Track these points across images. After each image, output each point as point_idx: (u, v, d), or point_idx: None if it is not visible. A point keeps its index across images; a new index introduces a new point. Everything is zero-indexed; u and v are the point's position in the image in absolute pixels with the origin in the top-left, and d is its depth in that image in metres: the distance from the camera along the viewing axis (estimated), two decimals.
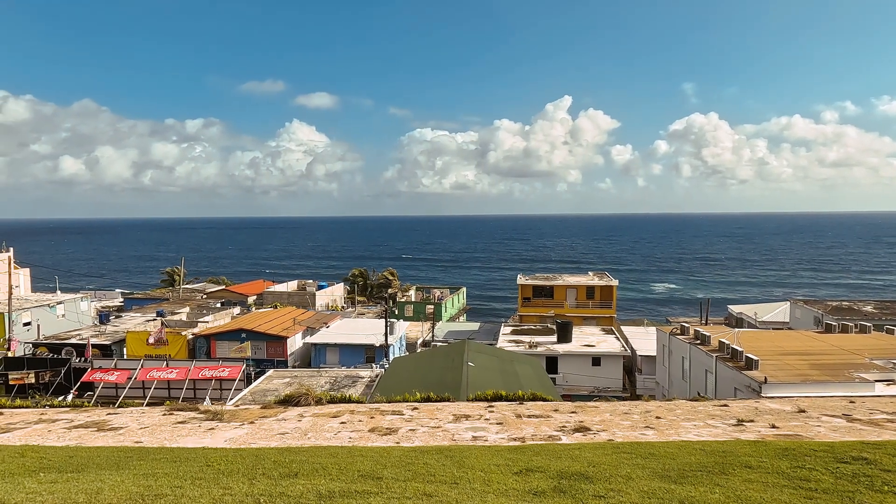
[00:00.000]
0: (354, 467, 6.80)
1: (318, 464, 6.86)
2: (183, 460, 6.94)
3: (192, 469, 6.28)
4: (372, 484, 5.99)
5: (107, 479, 5.57)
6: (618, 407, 15.73)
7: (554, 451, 8.54)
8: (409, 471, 6.76)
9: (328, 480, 5.98)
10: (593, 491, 5.78)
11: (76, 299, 52.28)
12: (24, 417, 14.82)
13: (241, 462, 6.83)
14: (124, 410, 16.14)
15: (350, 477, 6.26)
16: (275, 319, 47.10)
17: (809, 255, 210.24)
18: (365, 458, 7.51)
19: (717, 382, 27.37)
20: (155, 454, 7.61)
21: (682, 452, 8.28)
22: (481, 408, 15.78)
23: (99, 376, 37.03)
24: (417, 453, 8.33)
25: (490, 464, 7.34)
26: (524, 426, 13.25)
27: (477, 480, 6.34)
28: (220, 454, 7.57)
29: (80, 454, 7.37)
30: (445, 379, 28.63)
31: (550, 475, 6.56)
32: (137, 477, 5.73)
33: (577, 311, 52.32)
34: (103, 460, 6.89)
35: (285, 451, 8.17)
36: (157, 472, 6.03)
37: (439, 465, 7.19)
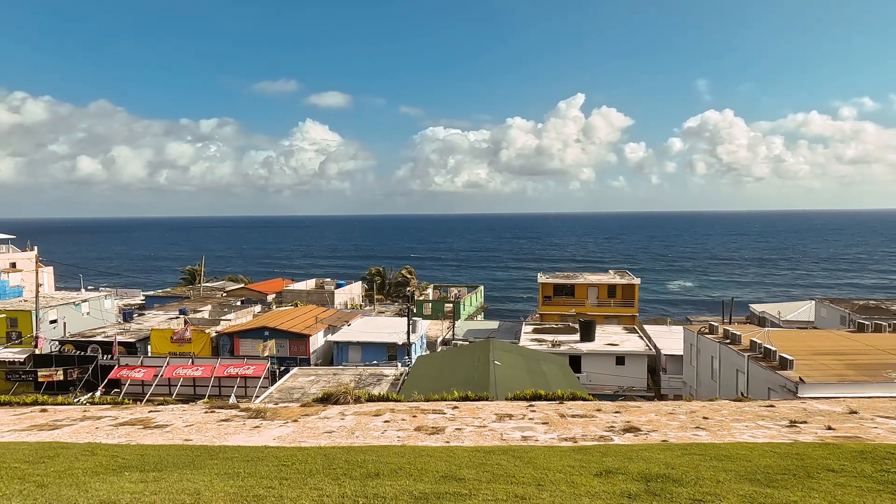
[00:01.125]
0: (429, 468, 6.70)
1: (392, 464, 6.77)
2: (256, 459, 6.88)
3: (270, 468, 6.21)
4: (457, 485, 5.88)
5: (193, 478, 5.51)
6: (661, 407, 15.52)
7: (620, 451, 8.38)
8: (486, 472, 6.65)
9: (413, 481, 5.88)
10: (688, 494, 5.63)
11: (100, 297, 52.84)
12: (69, 414, 14.92)
13: (314, 461, 6.76)
14: (165, 407, 16.21)
15: (432, 477, 6.15)
16: (297, 317, 47.27)
17: (827, 254, 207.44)
18: (434, 459, 7.41)
19: (749, 382, 26.98)
20: (223, 453, 7.56)
21: (754, 454, 8.09)
22: (522, 407, 15.64)
23: (126, 373, 37.37)
24: (482, 453, 8.21)
25: (563, 465, 7.20)
26: (571, 426, 13.09)
27: (560, 482, 6.21)
28: (288, 453, 7.51)
29: (150, 452, 7.35)
30: (473, 378, 28.52)
31: (633, 477, 6.42)
32: (221, 476, 5.67)
33: (598, 309, 51.96)
34: (176, 459, 6.85)
35: (351, 450, 8.09)
36: (239, 471, 5.97)
37: (513, 465, 7.07)
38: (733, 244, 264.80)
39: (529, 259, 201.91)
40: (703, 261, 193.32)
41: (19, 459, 6.42)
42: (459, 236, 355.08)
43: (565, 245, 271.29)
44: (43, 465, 6.20)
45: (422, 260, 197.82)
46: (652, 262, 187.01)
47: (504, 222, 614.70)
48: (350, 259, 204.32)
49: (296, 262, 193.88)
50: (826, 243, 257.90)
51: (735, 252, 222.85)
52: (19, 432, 12.76)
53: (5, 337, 45.02)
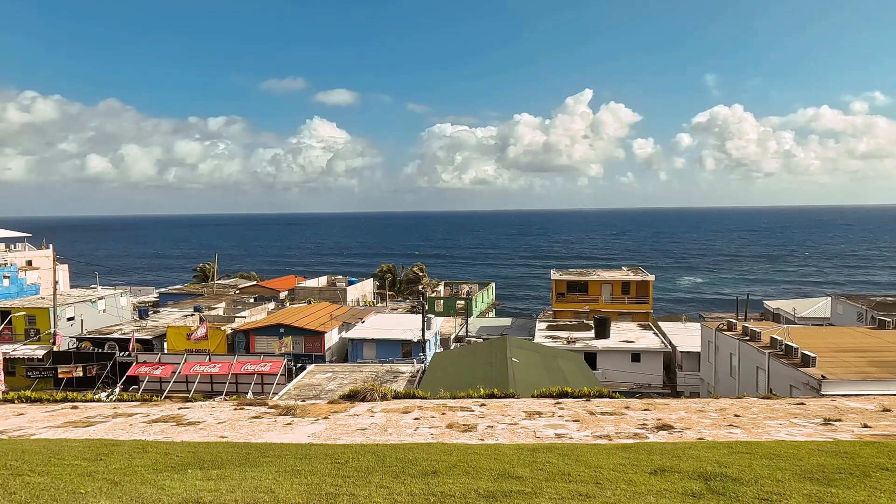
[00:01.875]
0: (482, 465, 6.69)
1: (445, 461, 6.77)
2: (308, 457, 6.90)
3: (327, 466, 6.22)
4: (517, 483, 5.88)
5: (256, 476, 5.53)
6: (690, 404, 15.45)
7: (665, 450, 8.34)
8: (539, 470, 6.64)
9: (472, 479, 5.87)
10: (753, 493, 5.59)
11: (116, 295, 53.23)
12: (100, 411, 15.04)
13: (366, 459, 6.77)
14: (194, 404, 16.31)
15: (489, 475, 6.15)
16: (311, 315, 47.42)
17: (839, 250, 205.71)
18: (483, 457, 7.40)
19: (769, 380, 26.83)
20: (271, 450, 7.59)
21: (801, 453, 8.03)
22: (549, 404, 15.61)
23: (144, 370, 37.64)
24: (527, 451, 8.19)
25: (612, 463, 7.18)
26: (602, 423, 13.06)
27: (617, 480, 6.19)
28: (340, 450, 7.51)
29: (202, 450, 7.38)
30: (491, 375, 28.54)
31: (689, 476, 6.39)
32: (283, 474, 5.68)
33: (612, 306, 51.79)
34: (229, 456, 6.87)
35: (397, 447, 8.10)
36: (298, 469, 5.97)
37: (563, 463, 7.05)
38: (742, 240, 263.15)
39: (538, 256, 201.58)
40: (712, 257, 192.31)
41: (77, 456, 6.47)
42: (467, 233, 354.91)
43: (574, 242, 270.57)
44: (101, 462, 6.24)
45: (430, 258, 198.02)
46: (661, 259, 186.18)
47: (512, 219, 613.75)
48: (357, 256, 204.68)
49: (304, 260, 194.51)
50: (837, 239, 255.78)
51: (745, 248, 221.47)
52: (55, 429, 12.89)
53: (24, 334, 45.45)
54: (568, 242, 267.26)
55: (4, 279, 49.88)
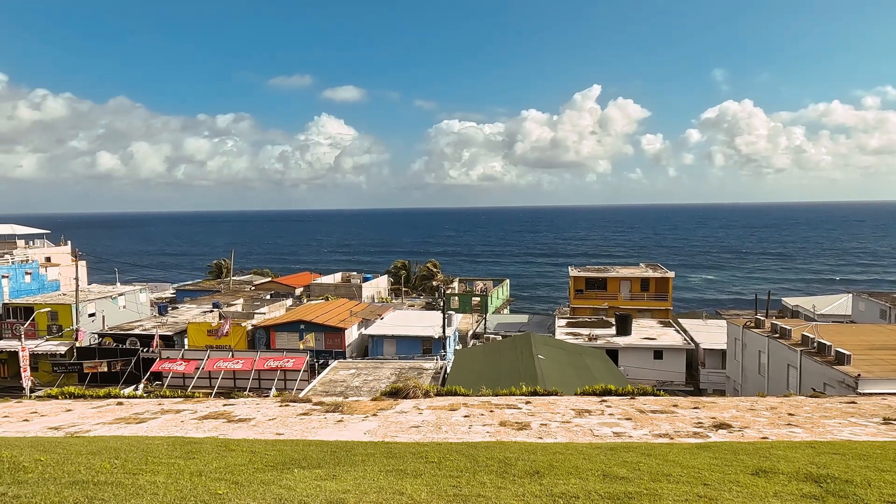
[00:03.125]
0: (580, 465, 6.57)
1: (539, 461, 6.66)
2: (399, 456, 6.81)
3: (426, 466, 6.13)
4: (627, 484, 5.77)
5: (368, 476, 5.45)
6: (739, 403, 15.30)
7: (742, 449, 8.19)
8: (637, 470, 6.52)
9: (581, 480, 5.77)
10: (875, 496, 5.46)
11: (135, 291, 53.50)
12: (147, 408, 15.07)
13: (458, 458, 6.67)
14: (238, 400, 16.32)
15: (594, 476, 6.04)
16: (331, 311, 47.47)
17: (851, 247, 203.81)
18: (570, 456, 7.28)
19: (801, 378, 26.57)
20: (355, 448, 7.50)
21: (889, 453, 7.87)
22: (594, 402, 15.49)
23: (168, 366, 37.81)
24: (606, 451, 8.07)
25: (703, 463, 7.05)
26: (657, 422, 12.93)
27: (725, 482, 6.07)
28: (420, 449, 7.43)
29: (285, 448, 7.30)
30: (519, 372, 28.42)
31: (795, 477, 6.25)
32: (391, 474, 5.59)
33: (631, 303, 51.53)
34: (318, 455, 6.79)
35: (474, 446, 8.00)
36: (403, 468, 5.88)
37: (655, 463, 6.93)
38: (753, 237, 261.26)
39: (546, 253, 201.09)
40: (723, 254, 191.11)
41: (168, 454, 6.41)
42: (475, 230, 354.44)
43: (582, 239, 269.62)
44: (195, 460, 6.18)
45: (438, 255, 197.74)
46: (671, 256, 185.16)
47: (520, 215, 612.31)
48: (364, 254, 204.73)
49: (314, 257, 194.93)
50: (849, 236, 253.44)
51: (755, 245, 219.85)
52: (109, 425, 12.90)
53: (46, 330, 45.76)
54: (576, 239, 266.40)
55: (26, 275, 50.22)
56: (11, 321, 46.02)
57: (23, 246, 59.84)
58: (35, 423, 13.11)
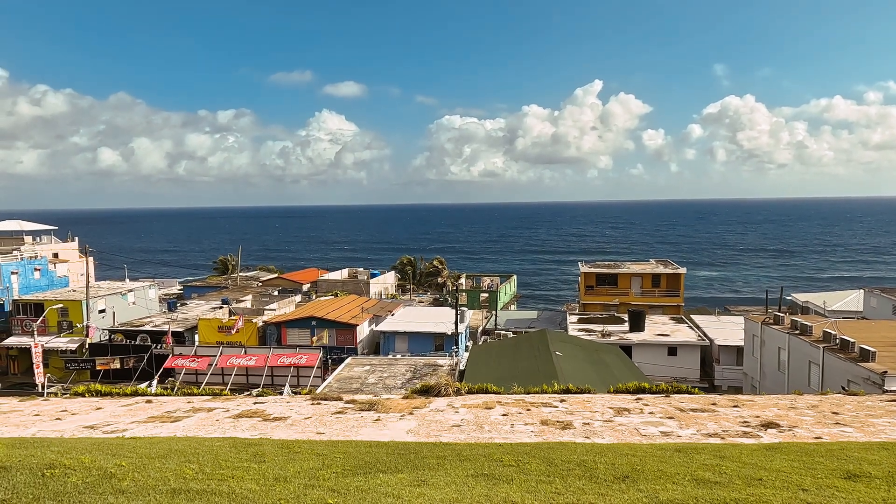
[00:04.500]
0: (662, 469, 6.34)
1: (620, 464, 6.43)
2: (469, 459, 6.59)
3: (509, 470, 5.90)
4: (724, 489, 5.54)
5: (459, 480, 5.22)
6: (778, 401, 15.07)
7: (816, 451, 7.95)
8: (723, 474, 6.29)
9: (675, 485, 5.55)
10: None
11: (145, 287, 53.32)
12: (178, 406, 14.87)
13: (534, 461, 6.45)
14: (268, 398, 16.12)
15: (683, 479, 5.81)
16: (342, 307, 47.28)
17: (853, 243, 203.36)
18: (646, 459, 7.05)
19: (823, 375, 26.34)
20: (416, 450, 7.28)
21: None
22: (629, 400, 15.26)
23: (180, 363, 37.65)
24: (672, 451, 7.84)
25: (786, 466, 6.81)
26: (701, 421, 12.72)
27: (824, 486, 5.84)
28: (487, 451, 7.19)
29: (348, 450, 7.07)
30: (537, 368, 28.22)
31: (892, 481, 6.02)
32: (484, 480, 5.36)
33: (642, 299, 51.29)
34: (389, 459, 6.54)
35: (533, 447, 7.77)
36: (488, 472, 5.64)
37: (737, 467, 6.70)
38: (755, 233, 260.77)
39: (549, 249, 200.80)
40: (725, 250, 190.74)
41: (240, 458, 6.18)
42: (477, 226, 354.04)
43: (585, 235, 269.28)
44: (266, 464, 5.96)
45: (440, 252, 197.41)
46: (672, 253, 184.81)
47: (522, 211, 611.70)
48: (367, 251, 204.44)
49: (315, 253, 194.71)
50: (852, 231, 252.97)
51: (758, 241, 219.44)
52: (144, 424, 12.71)
53: (57, 326, 45.61)
54: (578, 235, 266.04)
55: (35, 272, 50.04)
56: (22, 317, 45.87)
57: (30, 242, 59.66)
58: (68, 422, 12.92)
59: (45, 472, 4.64)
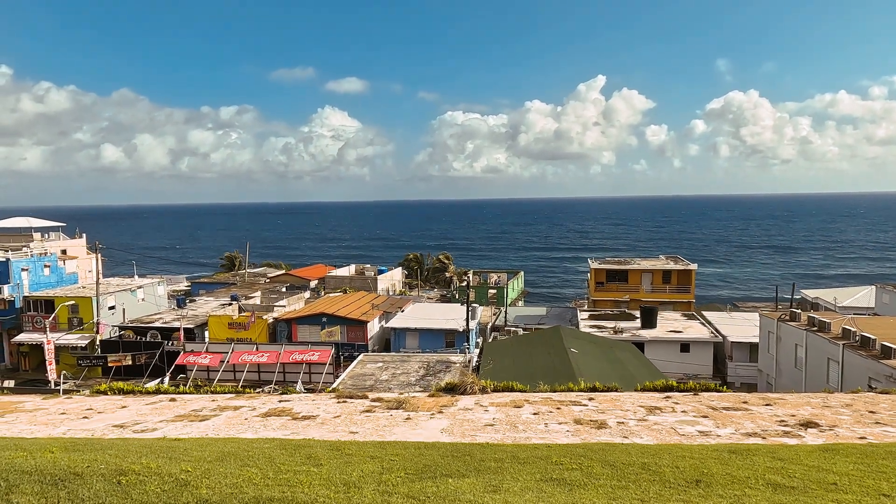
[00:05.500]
0: (733, 473, 6.15)
1: (684, 467, 6.26)
2: (527, 461, 6.41)
3: (573, 474, 5.73)
4: (803, 496, 5.37)
5: (531, 487, 5.06)
6: (810, 399, 14.88)
7: (875, 453, 7.76)
8: (792, 476, 6.11)
9: (751, 489, 5.37)
10: None
11: (154, 284, 53.26)
12: (203, 404, 14.74)
13: (595, 464, 6.29)
14: (292, 396, 15.98)
15: (758, 483, 5.64)
16: (352, 304, 47.15)
17: (857, 238, 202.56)
18: (707, 461, 6.86)
19: (843, 372, 26.12)
20: (469, 451, 7.11)
21: None
22: (658, 399, 15.08)
23: (192, 359, 37.57)
24: (727, 453, 7.66)
25: (858, 469, 6.61)
26: (737, 420, 12.54)
27: None
28: (546, 453, 7.03)
29: (402, 452, 6.91)
30: (554, 365, 28.05)
31: None
32: (558, 485, 5.18)
33: (653, 295, 51.07)
34: (446, 461, 6.35)
35: (592, 448, 7.60)
36: (559, 478, 5.46)
37: (804, 469, 6.51)
38: (760, 229, 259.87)
39: (554, 246, 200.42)
40: (729, 246, 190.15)
41: (295, 461, 6.02)
42: (480, 222, 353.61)
43: (588, 231, 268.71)
44: (324, 467, 5.79)
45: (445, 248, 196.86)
46: (678, 250, 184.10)
47: (525, 207, 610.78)
48: (371, 248, 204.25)
49: (319, 250, 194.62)
50: (857, 227, 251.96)
51: (762, 238, 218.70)
52: (172, 423, 12.58)
53: (67, 323, 45.58)
54: (581, 231, 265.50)
55: (45, 268, 50.01)
56: (32, 314, 45.86)
57: (39, 239, 59.63)
58: (96, 421, 12.80)
59: (120, 479, 4.47)
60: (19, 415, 13.65)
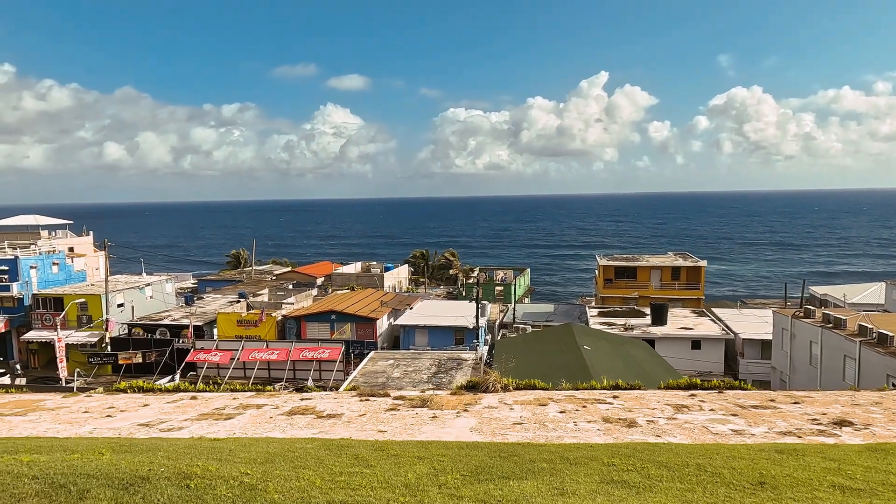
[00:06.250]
0: (795, 476, 6.01)
1: (741, 469, 6.13)
2: (578, 462, 6.29)
3: (636, 477, 5.60)
4: (871, 498, 5.23)
5: (599, 491, 4.93)
6: (838, 397, 14.74)
7: None
8: (853, 478, 5.97)
9: (818, 492, 5.24)
10: None
11: (162, 281, 53.23)
12: (225, 402, 14.65)
13: (650, 466, 6.16)
14: (314, 394, 15.88)
15: (826, 487, 5.50)
16: (361, 301, 47.06)
17: (862, 235, 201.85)
18: (762, 461, 6.73)
19: (860, 369, 25.95)
20: (514, 451, 6.99)
21: None
22: (683, 397, 14.94)
23: (203, 357, 37.53)
24: (775, 453, 7.52)
25: None
26: (766, 418, 12.40)
27: None
28: (593, 453, 6.91)
29: (438, 451, 6.78)
30: (568, 363, 27.91)
31: None
32: (623, 487, 5.07)
33: (662, 292, 50.89)
34: (495, 462, 6.23)
35: (636, 448, 7.47)
36: (624, 480, 5.33)
37: (863, 471, 6.37)
38: (763, 226, 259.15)
39: (558, 244, 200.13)
40: (732, 243, 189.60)
41: (344, 462, 5.90)
42: (483, 219, 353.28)
43: (590, 228, 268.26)
44: (375, 468, 5.66)
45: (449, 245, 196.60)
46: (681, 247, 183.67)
47: (527, 204, 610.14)
48: (375, 245, 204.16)
49: (323, 248, 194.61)
50: (860, 223, 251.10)
51: (765, 234, 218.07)
52: (197, 421, 12.49)
53: (76, 320, 45.57)
54: (583, 228, 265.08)
55: (53, 266, 50.00)
56: (42, 311, 45.84)
57: (46, 236, 59.64)
58: (121, 420, 12.71)
59: (187, 483, 4.36)
60: (42, 413, 13.58)
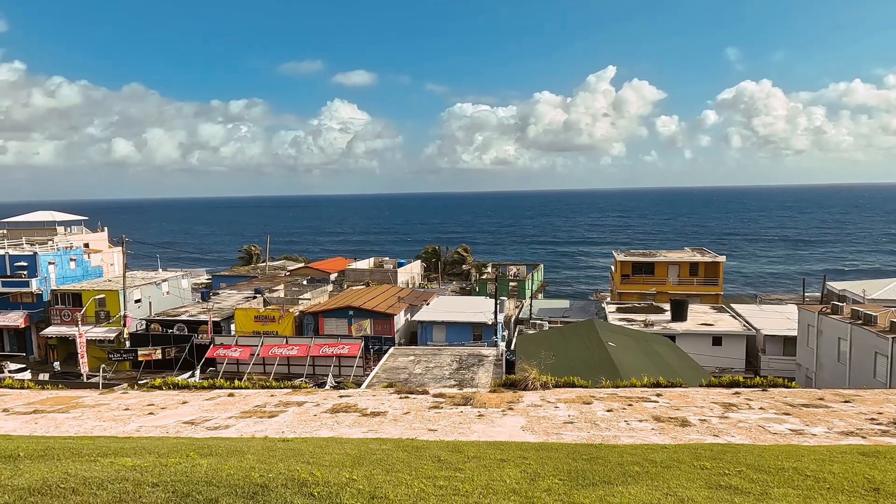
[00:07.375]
0: (889, 479, 5.79)
1: (838, 472, 5.90)
2: (665, 465, 6.08)
3: (734, 480, 5.38)
4: None
5: (713, 499, 4.72)
6: (889, 395, 14.44)
7: None
8: None
9: None
10: None
11: (178, 277, 53.33)
12: (264, 400, 14.52)
13: (741, 467, 5.94)
14: (352, 392, 15.75)
15: None
16: (378, 296, 46.94)
17: (877, 230, 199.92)
18: (857, 464, 6.48)
19: (892, 366, 25.54)
20: (592, 454, 6.79)
21: None
22: (728, 395, 14.69)
23: (223, 352, 37.54)
24: (850, 455, 7.26)
25: None
26: (821, 417, 12.15)
27: None
28: (676, 455, 6.70)
29: (523, 452, 6.60)
30: (592, 359, 27.63)
31: None
32: (730, 492, 4.86)
33: (679, 288, 50.46)
34: (577, 466, 6.01)
35: (723, 449, 7.24)
36: (726, 484, 5.14)
37: None
38: (772, 220, 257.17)
39: (566, 240, 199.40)
40: (743, 239, 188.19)
41: (433, 466, 5.70)
42: (490, 214, 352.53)
43: (599, 224, 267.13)
44: (465, 473, 5.47)
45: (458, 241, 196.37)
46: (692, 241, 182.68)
47: (535, 199, 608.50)
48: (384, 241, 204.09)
49: (332, 244, 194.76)
50: (873, 218, 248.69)
51: (777, 230, 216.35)
52: (243, 419, 12.37)
53: (94, 316, 45.71)
54: (592, 224, 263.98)
55: (71, 262, 50.17)
56: (60, 307, 46.02)
57: (62, 232, 59.87)
58: (164, 417, 12.61)
59: (311, 491, 4.16)
60: (83, 410, 13.49)
